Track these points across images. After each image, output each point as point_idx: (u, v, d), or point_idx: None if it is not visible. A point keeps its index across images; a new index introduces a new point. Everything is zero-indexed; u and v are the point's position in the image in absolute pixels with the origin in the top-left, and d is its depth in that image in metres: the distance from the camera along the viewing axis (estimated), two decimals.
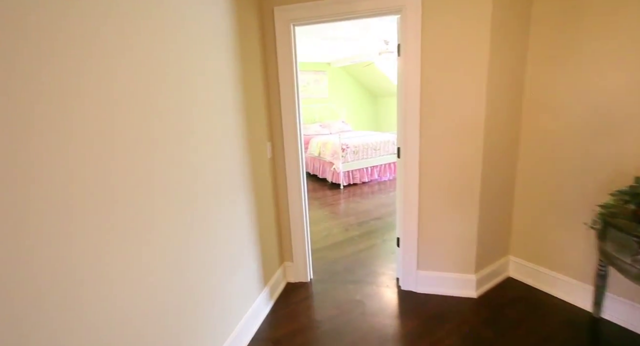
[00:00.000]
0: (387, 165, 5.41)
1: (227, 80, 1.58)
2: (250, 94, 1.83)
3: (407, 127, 1.96)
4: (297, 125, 2.12)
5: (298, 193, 2.21)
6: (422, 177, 1.99)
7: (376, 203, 4.17)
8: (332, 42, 4.70)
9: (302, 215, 2.25)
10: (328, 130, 6.37)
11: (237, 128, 1.68)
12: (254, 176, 1.88)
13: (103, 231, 0.90)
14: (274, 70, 2.05)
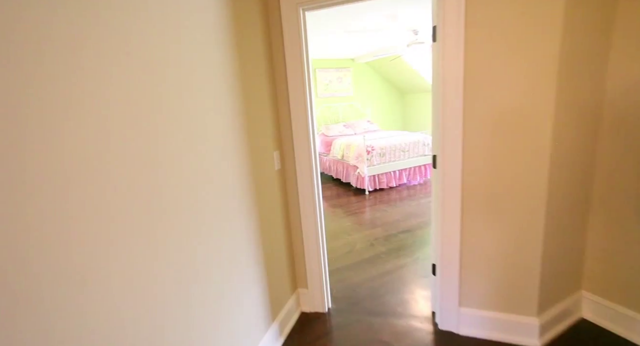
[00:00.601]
0: (417, 168, 4.94)
1: (220, 79, 1.27)
2: (251, 94, 1.51)
3: (445, 129, 1.56)
4: (309, 130, 1.78)
5: (312, 210, 1.87)
6: (466, 191, 1.58)
7: (405, 212, 3.74)
8: (356, 36, 4.31)
9: (318, 235, 1.91)
10: (352, 130, 5.98)
11: (233, 137, 1.37)
12: (257, 192, 1.57)
13: None
14: (281, 65, 1.73)
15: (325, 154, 5.60)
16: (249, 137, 1.50)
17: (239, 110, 1.42)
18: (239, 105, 1.41)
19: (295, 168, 1.84)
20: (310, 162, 1.81)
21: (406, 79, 6.35)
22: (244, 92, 1.45)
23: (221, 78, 1.29)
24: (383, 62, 6.14)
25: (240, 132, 1.43)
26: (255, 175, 1.56)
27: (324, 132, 5.86)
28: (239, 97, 1.41)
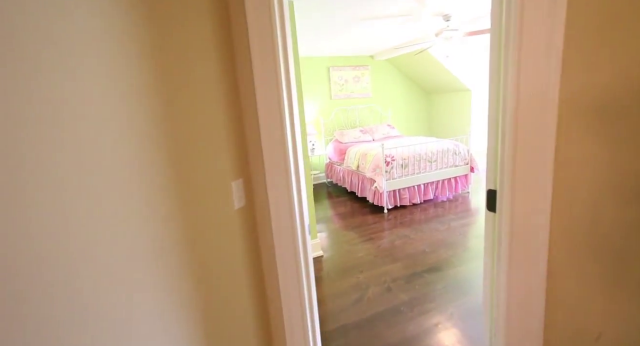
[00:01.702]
0: (446, 181, 4.17)
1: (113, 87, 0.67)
2: (181, 105, 0.90)
3: (517, 151, 0.87)
4: (287, 149, 1.14)
5: (294, 271, 1.23)
6: (562, 244, 0.88)
7: (433, 239, 3.01)
8: (374, 27, 3.64)
9: (304, 308, 1.26)
10: (370, 136, 5.29)
11: (137, 163, 0.76)
12: (192, 249, 0.95)
13: None
14: (246, 64, 1.11)
15: (338, 163, 4.94)
16: (177, 162, 0.88)
17: (152, 119, 0.81)
18: (151, 119, 0.80)
19: (268, 205, 1.21)
20: (288, 197, 1.18)
21: (433, 76, 5.58)
22: (163, 102, 0.84)
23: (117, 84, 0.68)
24: (406, 58, 5.41)
25: (156, 157, 0.82)
26: (193, 219, 0.94)
27: (337, 138, 5.21)
28: (153, 107, 0.80)
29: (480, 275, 2.35)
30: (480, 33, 3.29)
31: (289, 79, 1.13)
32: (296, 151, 1.19)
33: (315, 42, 4.23)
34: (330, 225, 3.63)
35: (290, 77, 1.13)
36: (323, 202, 4.57)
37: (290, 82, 1.13)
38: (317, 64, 5.31)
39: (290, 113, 1.15)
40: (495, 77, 0.98)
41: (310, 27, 3.46)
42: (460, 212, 3.70)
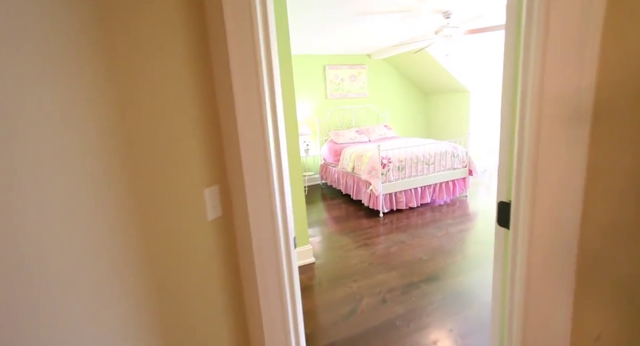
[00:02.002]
0: (443, 184, 4.05)
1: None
2: (137, 105, 0.75)
3: (539, 158, 0.73)
4: (269, 153, 1.00)
5: (277, 289, 1.08)
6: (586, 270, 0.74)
7: (430, 246, 2.88)
8: (371, 23, 3.50)
9: (289, 331, 1.11)
10: (366, 136, 5.15)
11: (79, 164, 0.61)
12: (151, 273, 0.80)
13: None
14: (222, 59, 0.96)
15: (333, 165, 4.80)
16: (132, 169, 0.73)
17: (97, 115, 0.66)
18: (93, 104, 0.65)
19: (247, 215, 1.06)
20: (270, 206, 1.03)
21: (431, 76, 5.46)
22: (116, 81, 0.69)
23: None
24: (404, 57, 5.29)
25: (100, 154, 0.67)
26: (147, 235, 0.79)
27: (332, 139, 5.06)
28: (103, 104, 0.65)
29: (480, 285, 2.22)
30: (481, 31, 3.16)
31: (272, 77, 0.98)
32: (280, 154, 1.04)
33: (310, 40, 4.08)
34: (323, 229, 3.48)
35: (273, 75, 0.99)
36: (317, 204, 4.42)
37: (273, 80, 0.99)
38: (313, 62, 5.16)
39: (273, 113, 1.00)
40: (511, 74, 0.84)
41: (305, 24, 3.32)
42: (458, 216, 3.58)
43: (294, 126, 2.49)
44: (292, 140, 2.49)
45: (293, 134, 2.49)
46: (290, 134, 2.48)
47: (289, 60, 2.35)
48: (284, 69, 2.35)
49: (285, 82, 2.38)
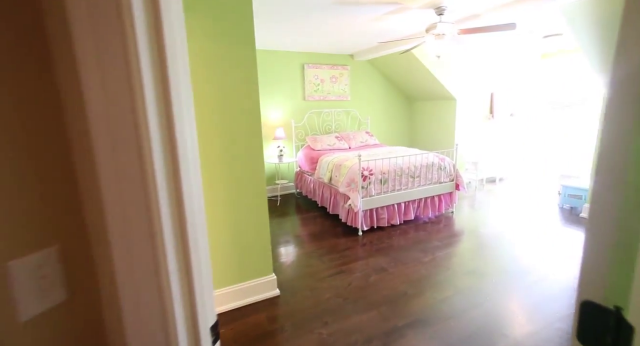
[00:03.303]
0: (428, 199, 3.68)
1: None
2: None
3: None
4: (156, 187, 0.52)
5: None
6: None
7: (415, 275, 2.47)
8: (353, 18, 3.09)
9: None
10: (347, 143, 4.74)
11: None
12: None
13: None
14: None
15: (309, 173, 4.34)
16: None
17: None
18: None
19: (118, 301, 0.57)
20: (159, 281, 0.55)
21: (416, 81, 5.13)
22: None
23: None
24: (388, 59, 4.93)
25: None
26: None
27: (309, 144, 4.61)
28: None
29: (478, 332, 1.82)
30: (476, 31, 2.82)
31: (165, 65, 0.51)
32: (180, 188, 0.56)
33: (284, 33, 3.62)
34: (293, 250, 3.01)
35: (167, 62, 0.52)
36: (289, 217, 3.94)
37: (167, 74, 0.52)
38: (290, 59, 4.70)
39: (167, 121, 0.53)
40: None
41: (275, 12, 2.86)
42: (445, 237, 3.21)
43: (257, 129, 2.01)
44: (254, 145, 2.02)
45: (255, 138, 2.02)
46: (252, 138, 2.00)
47: (252, 49, 1.89)
48: (244, 59, 1.88)
49: (247, 75, 1.92)
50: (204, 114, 1.84)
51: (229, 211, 2.02)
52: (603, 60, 3.00)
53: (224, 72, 1.85)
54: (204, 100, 1.83)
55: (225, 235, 2.04)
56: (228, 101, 1.89)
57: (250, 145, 2.00)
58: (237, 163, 1.98)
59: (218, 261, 2.05)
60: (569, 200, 3.88)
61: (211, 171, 1.92)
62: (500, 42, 4.45)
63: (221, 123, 1.90)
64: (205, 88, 1.82)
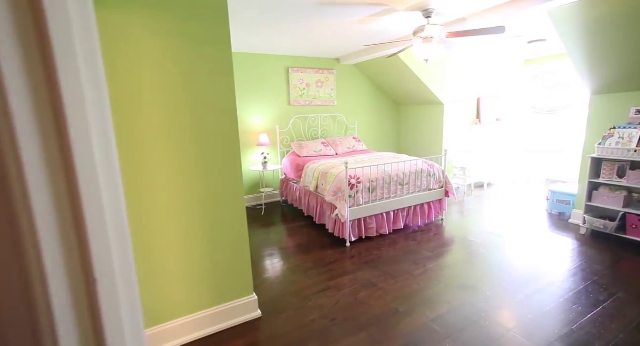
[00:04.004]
0: (418, 206, 3.57)
1: None
2: None
3: None
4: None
5: None
6: None
7: (406, 291, 2.33)
8: (338, 20, 2.97)
9: None
10: (334, 149, 4.60)
11: None
12: None
13: None
14: None
15: (295, 181, 4.18)
16: None
17: None
18: None
19: None
20: None
21: (404, 86, 5.06)
22: None
23: None
24: (375, 63, 4.84)
25: None
26: None
27: (295, 151, 4.45)
28: None
29: None
30: (465, 35, 2.74)
31: None
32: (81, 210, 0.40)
33: (268, 36, 3.47)
34: (276, 264, 2.83)
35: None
36: (275, 228, 3.76)
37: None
38: (274, 63, 4.55)
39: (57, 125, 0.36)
40: None
41: (256, 13, 2.71)
42: (437, 247, 3.09)
43: (234, 138, 1.85)
44: (231, 155, 1.85)
45: (233, 148, 1.85)
46: (229, 148, 1.84)
47: (228, 50, 1.73)
48: (219, 60, 1.72)
49: (222, 78, 1.75)
50: (173, 120, 1.66)
51: (204, 227, 1.84)
52: (589, 65, 2.97)
53: (194, 72, 1.68)
54: (174, 104, 1.65)
55: (201, 254, 1.85)
56: (201, 107, 1.72)
57: (227, 155, 1.83)
58: (212, 175, 1.81)
59: (192, 282, 1.85)
60: (558, 205, 3.84)
61: (183, 183, 1.74)
62: (487, 47, 4.43)
63: (194, 131, 1.72)
64: (173, 92, 1.64)
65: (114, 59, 1.49)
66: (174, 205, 1.73)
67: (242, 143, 4.49)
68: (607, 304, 2.08)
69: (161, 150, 1.65)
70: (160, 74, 1.59)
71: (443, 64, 4.68)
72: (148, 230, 1.69)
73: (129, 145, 1.58)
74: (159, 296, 1.78)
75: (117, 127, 1.55)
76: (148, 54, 1.56)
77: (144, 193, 1.65)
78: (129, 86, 1.54)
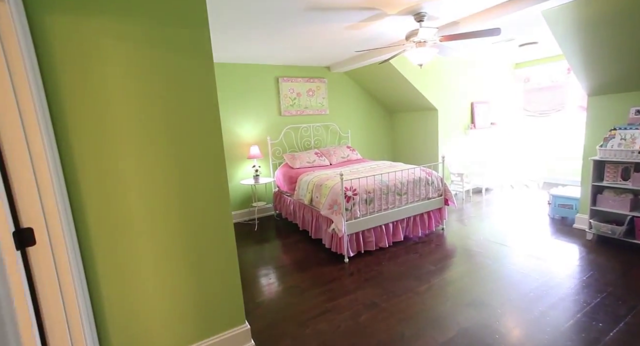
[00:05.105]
0: (418, 216, 3.43)
1: None
2: None
3: None
4: None
5: None
6: None
7: (411, 310, 2.16)
8: (328, 26, 2.87)
9: None
10: (327, 159, 4.46)
11: None
12: None
13: None
14: None
15: (288, 194, 4.01)
16: None
17: None
18: None
19: None
20: None
21: (396, 92, 4.97)
22: None
23: None
24: (366, 70, 4.76)
25: None
26: None
27: (288, 162, 4.30)
28: None
29: None
30: (459, 38, 2.65)
31: None
32: None
33: (255, 45, 3.35)
34: (271, 285, 2.64)
35: None
36: (267, 244, 3.57)
37: None
38: (263, 73, 4.43)
39: None
40: None
41: (243, 20, 2.58)
42: (440, 259, 2.94)
43: (218, 153, 1.69)
44: (215, 166, 1.69)
45: (217, 164, 1.69)
46: (212, 164, 1.68)
47: (208, 58, 1.59)
48: (198, 70, 1.58)
49: (204, 90, 1.61)
50: (150, 134, 1.50)
51: (187, 250, 1.66)
52: (586, 65, 2.90)
53: (171, 81, 1.52)
54: (149, 115, 1.49)
55: (185, 282, 1.67)
56: (180, 119, 1.56)
57: (210, 170, 1.67)
58: (195, 192, 1.64)
59: (175, 314, 1.66)
60: (560, 210, 3.73)
61: (162, 203, 1.56)
62: (478, 51, 4.37)
63: (172, 147, 1.56)
64: (150, 102, 1.48)
65: (84, 67, 1.34)
66: (151, 227, 1.55)
67: (233, 156, 4.32)
68: (628, 319, 1.93)
69: (134, 166, 1.49)
70: (135, 83, 1.44)
71: (435, 70, 4.61)
72: (122, 255, 1.51)
73: (97, 159, 1.41)
74: (136, 331, 1.58)
75: (87, 136, 1.38)
76: (121, 63, 1.40)
77: (117, 216, 1.48)
78: (100, 98, 1.38)
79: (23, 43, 1.21)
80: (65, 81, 1.33)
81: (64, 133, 1.35)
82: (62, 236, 1.32)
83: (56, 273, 1.32)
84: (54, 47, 1.30)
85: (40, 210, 1.27)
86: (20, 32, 1.20)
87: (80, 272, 1.42)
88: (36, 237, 1.27)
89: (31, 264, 1.28)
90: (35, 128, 1.23)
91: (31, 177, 1.24)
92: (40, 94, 1.27)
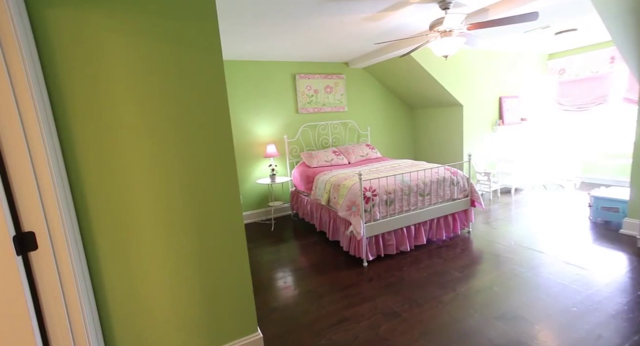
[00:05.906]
0: (442, 218, 3.22)
1: None
2: None
3: None
4: None
5: None
6: None
7: (436, 323, 1.99)
8: (347, 18, 2.72)
9: None
10: (345, 158, 4.31)
11: None
12: None
13: None
14: None
15: (305, 193, 3.91)
16: None
17: None
18: None
19: None
20: None
21: (418, 87, 4.74)
22: None
23: None
24: (386, 65, 4.56)
25: None
26: None
27: (305, 161, 4.19)
28: None
29: None
30: (490, 25, 2.42)
31: None
32: None
33: (272, 41, 3.25)
34: (287, 289, 2.54)
35: None
36: (284, 245, 3.48)
37: None
38: (280, 70, 4.33)
39: None
40: None
41: (260, 16, 2.48)
42: (466, 265, 2.73)
43: (229, 154, 1.59)
44: (225, 169, 1.60)
45: (228, 165, 1.59)
46: (223, 166, 1.59)
47: (217, 53, 1.49)
48: (207, 66, 1.49)
49: (212, 84, 1.52)
50: (156, 132, 1.42)
51: (197, 255, 1.58)
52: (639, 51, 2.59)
53: (178, 76, 1.44)
54: (155, 112, 1.41)
55: (194, 289, 1.59)
56: (188, 116, 1.48)
57: (220, 170, 1.58)
58: (203, 194, 1.55)
59: (184, 322, 1.59)
60: (603, 213, 3.40)
61: (172, 206, 1.49)
62: (508, 41, 4.07)
63: (180, 145, 1.48)
64: (157, 100, 1.40)
65: (90, 63, 1.27)
66: (159, 231, 1.48)
67: (249, 155, 4.26)
68: None
69: (140, 166, 1.41)
70: (140, 79, 1.36)
71: (459, 63, 4.35)
72: (128, 261, 1.44)
73: (102, 160, 1.34)
74: (143, 341, 1.51)
75: (91, 136, 1.32)
76: (126, 58, 1.33)
77: (123, 219, 1.41)
78: (104, 96, 1.31)
79: (23, 39, 1.15)
80: (69, 78, 1.27)
81: (67, 133, 1.29)
82: (65, 240, 1.27)
83: (59, 281, 1.26)
84: (56, 43, 1.23)
85: (41, 213, 1.21)
86: (20, 28, 1.14)
87: (85, 278, 1.36)
88: (38, 241, 1.22)
89: (33, 270, 1.23)
90: (36, 127, 1.18)
91: (31, 177, 1.19)
92: (42, 93, 1.21)
